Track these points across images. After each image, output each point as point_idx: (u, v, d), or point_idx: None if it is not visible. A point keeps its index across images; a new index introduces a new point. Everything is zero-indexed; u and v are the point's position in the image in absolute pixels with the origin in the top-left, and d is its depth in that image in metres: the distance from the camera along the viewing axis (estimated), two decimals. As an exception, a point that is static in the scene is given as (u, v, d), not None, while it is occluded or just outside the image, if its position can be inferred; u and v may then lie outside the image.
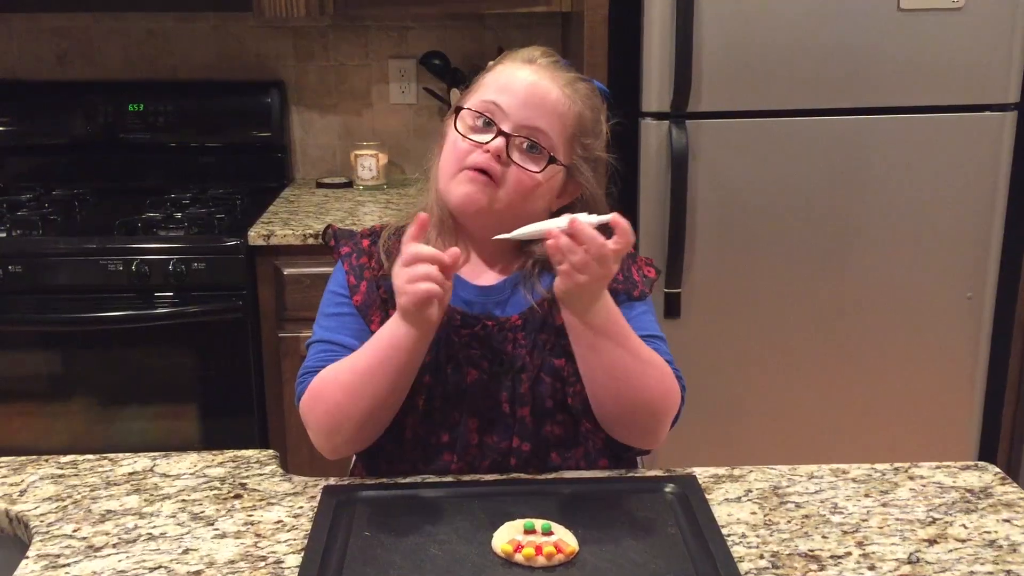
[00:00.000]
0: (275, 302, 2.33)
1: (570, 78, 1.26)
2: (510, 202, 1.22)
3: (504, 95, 1.22)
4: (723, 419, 2.36)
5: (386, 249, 1.27)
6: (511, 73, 1.24)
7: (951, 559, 1.03)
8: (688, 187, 2.23)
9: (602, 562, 1.02)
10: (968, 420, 2.44)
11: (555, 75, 1.24)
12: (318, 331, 1.28)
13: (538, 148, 1.22)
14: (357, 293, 1.26)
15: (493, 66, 1.29)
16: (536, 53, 1.27)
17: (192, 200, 2.56)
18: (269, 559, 1.04)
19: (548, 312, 1.24)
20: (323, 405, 1.19)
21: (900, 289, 2.34)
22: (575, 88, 1.25)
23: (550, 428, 1.25)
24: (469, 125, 1.23)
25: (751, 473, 1.21)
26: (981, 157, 2.28)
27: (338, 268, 1.30)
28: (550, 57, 1.27)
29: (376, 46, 2.81)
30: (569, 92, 1.24)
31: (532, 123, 1.21)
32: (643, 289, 1.29)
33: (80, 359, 2.34)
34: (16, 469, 1.23)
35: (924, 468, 1.22)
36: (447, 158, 1.24)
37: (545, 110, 1.22)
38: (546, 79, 1.23)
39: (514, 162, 1.21)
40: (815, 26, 2.19)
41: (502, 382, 1.23)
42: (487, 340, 1.24)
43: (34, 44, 2.79)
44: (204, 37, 2.79)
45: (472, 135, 1.22)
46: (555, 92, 1.23)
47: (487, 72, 1.28)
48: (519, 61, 1.26)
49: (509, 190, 1.21)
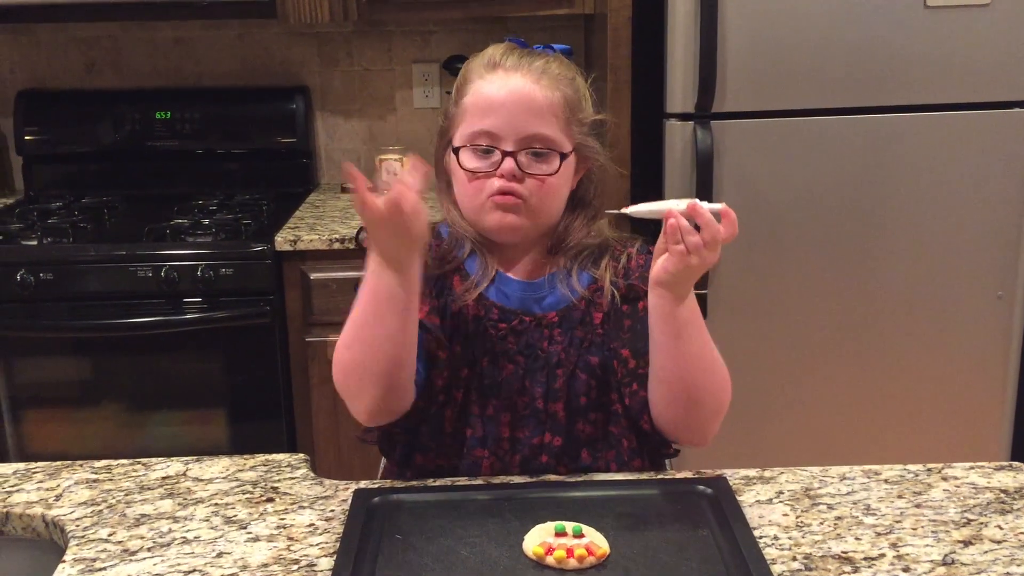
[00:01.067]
0: (302, 307, 2.34)
1: (539, 66, 1.24)
2: (538, 210, 1.24)
3: (490, 117, 1.21)
4: (752, 420, 2.35)
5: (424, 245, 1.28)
6: (485, 90, 1.23)
7: (986, 560, 1.02)
8: (713, 188, 2.22)
9: (633, 564, 1.02)
10: (1000, 420, 2.42)
11: (525, 71, 1.23)
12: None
13: (545, 151, 1.22)
14: None
15: (464, 83, 1.26)
16: (496, 54, 1.25)
17: (219, 206, 2.58)
18: (302, 562, 1.04)
19: (586, 310, 1.25)
20: (342, 362, 1.17)
21: (929, 288, 2.32)
22: (548, 73, 1.24)
23: (582, 426, 1.26)
24: (472, 157, 1.23)
25: (782, 475, 1.21)
26: (1010, 154, 2.26)
27: None
28: (511, 52, 1.25)
29: (399, 51, 2.82)
30: (546, 82, 1.23)
31: (528, 131, 1.21)
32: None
33: (110, 365, 2.36)
34: (52, 474, 1.24)
35: (957, 469, 1.21)
36: (465, 193, 1.25)
37: (534, 113, 1.22)
38: (520, 80, 1.22)
39: (529, 174, 1.22)
40: (840, 24, 2.18)
41: (537, 377, 1.24)
42: (524, 335, 1.25)
43: (62, 54, 2.82)
44: (229, 45, 2.81)
45: (479, 166, 1.23)
46: (535, 91, 1.22)
47: (462, 95, 1.26)
48: (485, 71, 1.24)
49: (535, 200, 1.23)
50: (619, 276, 1.28)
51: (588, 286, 1.28)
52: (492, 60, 1.25)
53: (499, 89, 1.22)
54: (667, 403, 1.21)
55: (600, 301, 1.27)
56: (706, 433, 1.24)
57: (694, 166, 2.22)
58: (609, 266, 1.28)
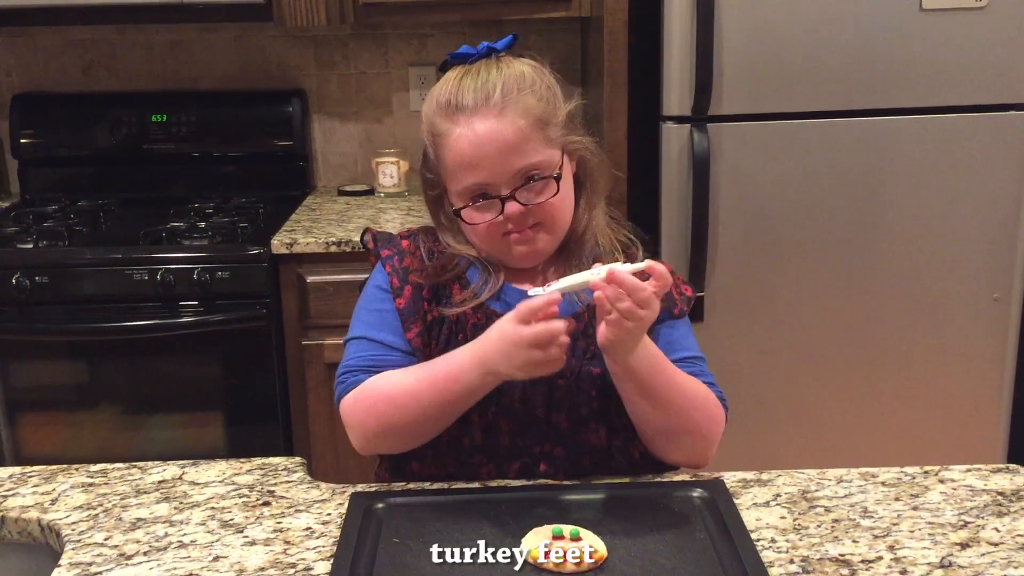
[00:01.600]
0: (298, 310, 2.34)
1: (496, 101, 1.20)
2: (556, 228, 1.25)
3: (474, 171, 1.21)
4: (749, 423, 2.35)
5: (427, 250, 1.29)
6: (458, 146, 1.21)
7: (984, 563, 1.02)
8: (710, 190, 2.23)
9: (631, 567, 1.02)
10: (996, 422, 2.42)
11: (484, 112, 1.19)
12: (358, 327, 1.28)
13: (539, 177, 1.22)
14: (400, 296, 1.26)
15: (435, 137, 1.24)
16: (450, 90, 1.22)
17: (215, 209, 2.58)
18: (299, 566, 1.04)
19: (589, 321, 1.24)
20: (370, 415, 1.21)
21: (926, 290, 2.32)
22: (510, 98, 1.20)
23: (585, 436, 1.25)
24: (475, 213, 1.23)
25: (779, 477, 1.21)
26: (1006, 157, 2.26)
27: (379, 269, 1.30)
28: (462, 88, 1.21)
29: (396, 54, 2.82)
30: (512, 110, 1.20)
31: (516, 167, 1.20)
32: (682, 307, 1.30)
33: (106, 368, 2.36)
34: (47, 478, 1.24)
35: (954, 471, 1.21)
36: (482, 242, 1.25)
37: (511, 150, 1.20)
38: (484, 126, 1.19)
39: (535, 204, 1.21)
40: (836, 27, 2.18)
41: (538, 386, 1.23)
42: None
43: (59, 57, 2.82)
44: (226, 48, 2.81)
45: (486, 218, 1.22)
46: (502, 127, 1.19)
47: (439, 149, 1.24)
48: (447, 119, 1.22)
49: (549, 222, 1.24)
50: None
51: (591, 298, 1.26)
52: (449, 103, 1.22)
53: (470, 143, 1.20)
54: (648, 441, 1.24)
55: None
56: (697, 459, 1.25)
57: (691, 169, 2.22)
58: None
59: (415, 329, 1.25)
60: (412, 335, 1.25)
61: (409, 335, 1.25)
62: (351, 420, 1.23)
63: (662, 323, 1.26)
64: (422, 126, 1.28)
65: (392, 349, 1.24)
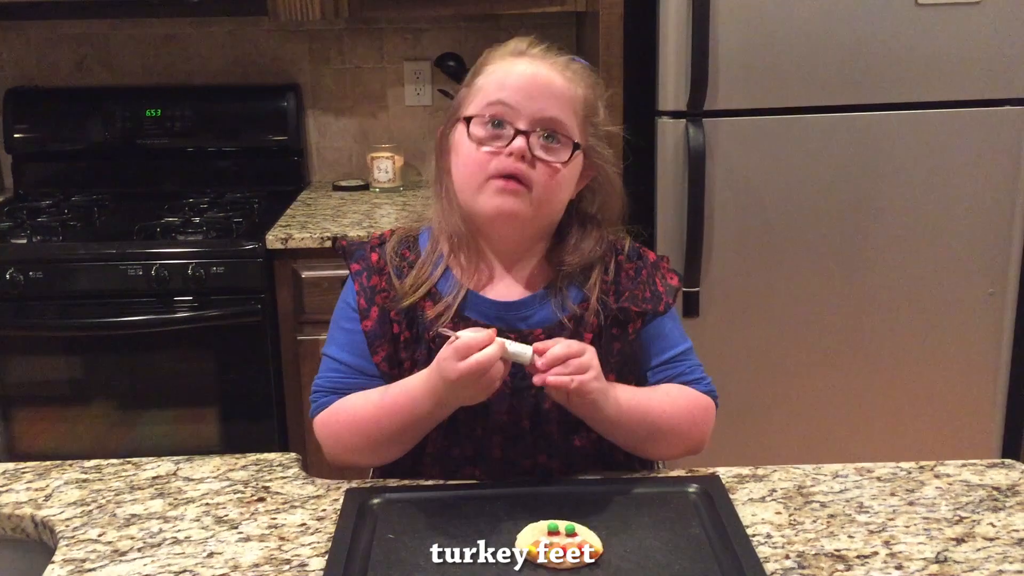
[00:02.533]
0: (293, 305, 2.34)
1: (563, 61, 1.22)
2: (543, 201, 1.18)
3: (508, 92, 1.17)
4: (744, 418, 2.35)
5: (396, 267, 1.24)
6: (507, 68, 1.19)
7: (979, 558, 1.02)
8: (706, 185, 2.22)
9: (626, 563, 1.01)
10: (990, 417, 2.42)
11: (551, 61, 1.21)
12: (331, 345, 1.28)
13: (557, 138, 1.18)
14: (368, 319, 1.24)
15: (482, 66, 1.22)
16: (523, 44, 1.22)
17: (210, 204, 2.57)
18: (293, 562, 1.04)
19: (575, 329, 1.21)
20: (340, 431, 1.24)
21: (921, 286, 2.32)
22: (572, 70, 1.22)
23: (576, 442, 1.24)
24: (481, 133, 1.18)
25: (775, 472, 1.20)
26: (1001, 152, 2.27)
27: (349, 284, 1.28)
28: (538, 45, 1.23)
29: (391, 48, 2.81)
30: (569, 75, 1.20)
31: (546, 114, 1.17)
32: (667, 301, 1.27)
33: (101, 364, 2.35)
34: (41, 474, 1.24)
35: (950, 466, 1.21)
36: (466, 171, 1.19)
37: (554, 98, 1.18)
38: (544, 67, 1.19)
39: (539, 158, 1.17)
40: (832, 22, 2.18)
41: (524, 397, 1.21)
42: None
43: (52, 51, 2.81)
44: (220, 42, 2.80)
45: (489, 142, 1.17)
46: (557, 78, 1.19)
47: (478, 75, 1.22)
48: (509, 55, 1.21)
49: (540, 189, 1.17)
50: (609, 294, 1.23)
51: (579, 303, 1.22)
52: (517, 48, 1.22)
53: (523, 70, 1.18)
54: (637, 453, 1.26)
55: (591, 320, 1.21)
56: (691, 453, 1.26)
57: (686, 164, 2.22)
58: (599, 281, 1.23)
59: (382, 353, 1.23)
60: (379, 359, 1.23)
61: (376, 359, 1.24)
62: (322, 441, 1.26)
63: (647, 323, 1.25)
64: (472, 70, 1.25)
65: (358, 372, 1.25)
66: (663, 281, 1.28)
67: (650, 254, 1.30)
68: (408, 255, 1.26)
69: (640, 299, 1.24)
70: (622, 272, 1.26)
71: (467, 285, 1.22)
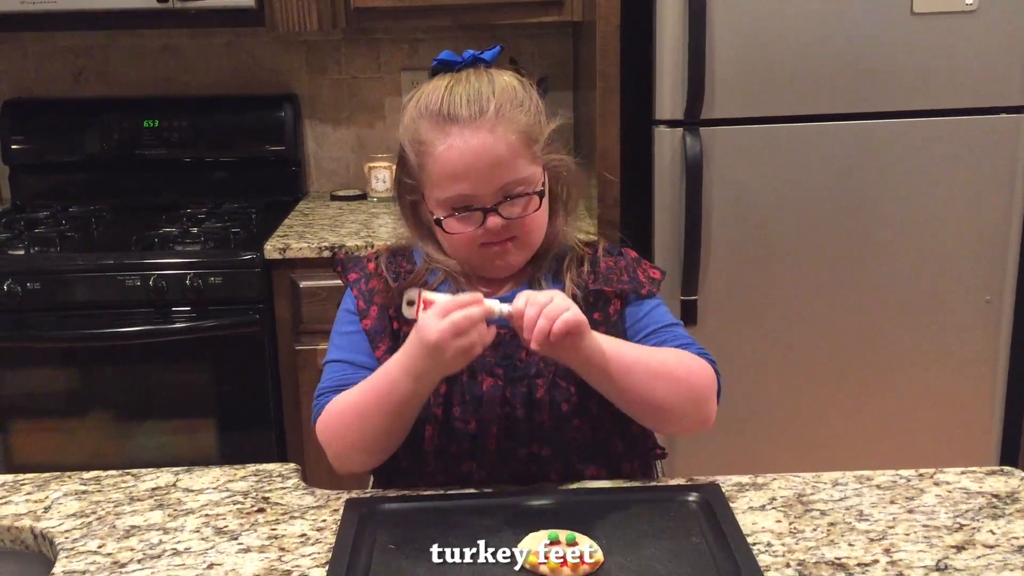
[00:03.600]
0: (291, 315, 2.34)
1: (489, 116, 1.19)
2: (531, 242, 1.26)
3: (460, 183, 1.19)
4: (743, 426, 2.35)
5: (393, 273, 1.29)
6: (446, 157, 1.19)
7: (979, 565, 1.02)
8: (703, 194, 2.23)
9: (627, 572, 1.01)
10: (988, 424, 2.43)
11: (478, 125, 1.18)
12: (332, 351, 1.30)
13: (523, 192, 1.22)
14: (367, 317, 1.28)
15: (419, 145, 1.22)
16: (441, 99, 1.20)
17: (208, 215, 2.57)
18: (293, 573, 1.04)
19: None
20: (334, 429, 1.23)
21: (918, 293, 2.33)
22: (502, 118, 1.19)
23: (569, 432, 1.25)
24: (455, 223, 1.22)
25: (775, 481, 1.21)
26: (997, 159, 2.27)
27: (347, 293, 1.33)
28: (455, 99, 1.20)
29: (388, 58, 2.82)
30: (503, 125, 1.19)
31: (500, 183, 1.20)
32: (650, 288, 1.30)
33: (99, 374, 2.35)
34: (40, 486, 1.23)
35: (949, 474, 1.21)
36: (457, 250, 1.25)
37: (500, 165, 1.19)
38: (476, 140, 1.18)
39: (515, 218, 1.21)
40: (828, 31, 2.19)
41: (517, 389, 1.23)
42: (500, 347, 1.24)
43: (50, 62, 2.81)
44: (218, 53, 2.81)
45: (466, 230, 1.22)
46: (495, 146, 1.19)
47: (422, 157, 1.22)
48: (436, 129, 1.20)
49: (527, 237, 1.24)
50: (587, 279, 1.28)
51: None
52: (441, 113, 1.20)
53: (460, 155, 1.19)
54: (646, 421, 1.26)
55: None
56: (698, 421, 1.24)
57: (683, 173, 2.22)
58: (571, 267, 1.28)
59: (383, 347, 1.26)
60: (380, 353, 1.25)
61: (378, 353, 1.26)
62: (323, 443, 1.26)
63: (630, 303, 1.28)
64: (401, 130, 1.26)
65: (360, 368, 1.25)
66: (644, 273, 1.32)
67: (631, 252, 1.35)
68: (403, 263, 1.31)
69: (616, 281, 1.28)
70: (600, 263, 1.30)
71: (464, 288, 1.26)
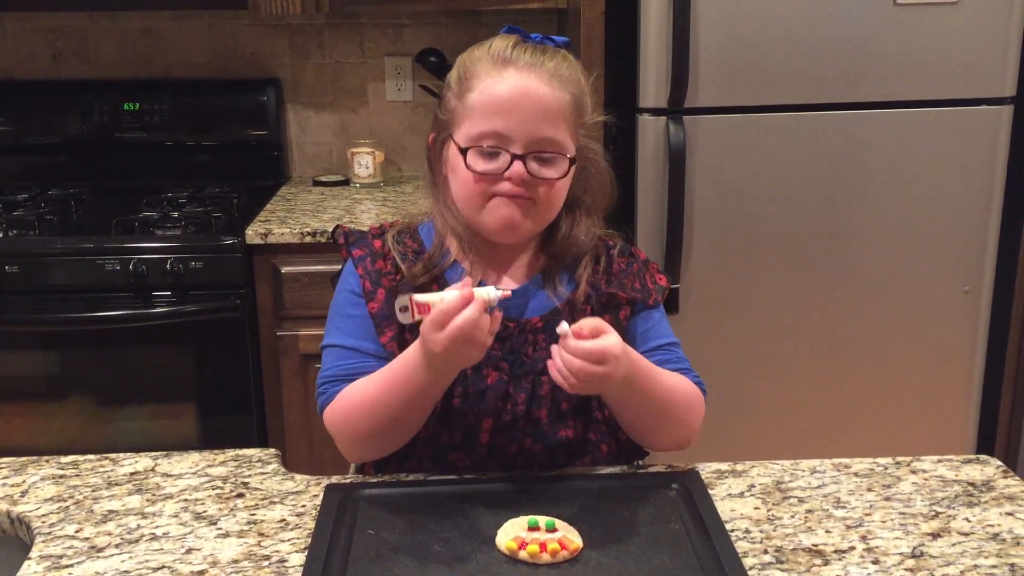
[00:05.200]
0: (273, 300, 2.33)
1: (549, 67, 1.19)
2: (543, 211, 1.22)
3: (500, 118, 1.17)
4: (723, 414, 2.36)
5: (400, 253, 1.26)
6: (496, 89, 1.18)
7: (955, 553, 1.03)
8: (686, 183, 2.23)
9: (606, 559, 1.02)
10: (966, 413, 2.45)
11: (538, 71, 1.18)
12: (334, 334, 1.26)
13: (553, 155, 1.19)
14: (373, 300, 1.24)
15: (470, 79, 1.20)
16: (507, 47, 1.20)
17: (189, 199, 2.55)
18: (272, 558, 1.03)
19: (569, 315, 1.23)
20: (346, 418, 1.21)
21: (898, 283, 2.34)
22: (560, 75, 1.20)
23: (564, 432, 1.25)
24: (479, 159, 1.18)
25: (753, 468, 1.21)
26: (978, 151, 2.29)
27: (350, 270, 1.28)
28: (521, 49, 1.20)
29: (372, 43, 2.80)
30: (557, 84, 1.19)
31: (539, 135, 1.18)
32: (656, 297, 1.31)
33: (78, 359, 2.34)
34: (17, 470, 1.23)
35: (926, 462, 1.23)
36: (465, 193, 1.21)
37: (545, 116, 1.18)
38: (532, 80, 1.18)
39: (537, 177, 1.18)
40: (812, 21, 2.19)
41: (521, 384, 1.23)
42: (508, 341, 1.23)
43: (29, 43, 2.78)
44: (199, 35, 2.78)
45: (488, 168, 1.18)
46: (546, 92, 1.18)
47: (467, 90, 1.20)
48: (493, 66, 1.19)
49: (542, 203, 1.20)
50: (601, 280, 1.27)
51: (572, 291, 1.26)
52: (502, 56, 1.19)
53: (511, 89, 1.17)
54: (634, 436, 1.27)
55: (584, 307, 1.25)
56: (683, 444, 1.26)
57: (667, 161, 2.22)
58: (588, 266, 1.26)
59: (389, 333, 1.23)
60: (386, 339, 1.23)
61: (383, 339, 1.23)
62: (334, 432, 1.24)
63: (637, 314, 1.28)
64: (451, 73, 1.24)
65: (367, 356, 1.23)
66: (652, 279, 1.32)
67: (641, 253, 1.34)
68: (411, 243, 1.28)
69: (629, 287, 1.28)
70: (613, 264, 1.29)
71: (475, 276, 1.23)
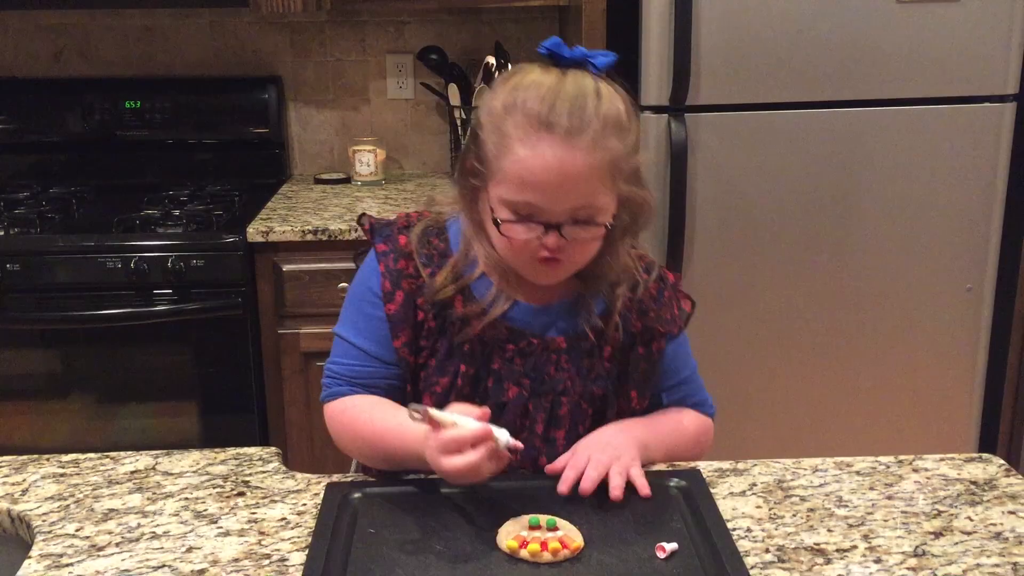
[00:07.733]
0: (274, 299, 2.32)
1: (592, 133, 1.10)
2: (579, 264, 1.19)
3: (532, 192, 1.11)
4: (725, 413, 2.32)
5: (425, 256, 1.22)
6: (529, 163, 1.10)
7: (957, 551, 1.03)
8: (687, 180, 2.23)
9: (607, 557, 1.02)
10: (968, 412, 2.44)
11: (577, 139, 1.10)
12: (348, 326, 1.25)
13: (591, 220, 1.15)
14: (392, 302, 1.22)
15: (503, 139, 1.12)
16: (548, 108, 1.10)
17: (190, 197, 2.55)
18: (273, 557, 1.03)
19: (596, 341, 1.23)
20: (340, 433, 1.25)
21: (900, 281, 2.34)
22: (601, 140, 1.11)
23: None
24: (515, 228, 1.14)
25: (755, 467, 1.21)
26: (980, 148, 2.28)
27: (372, 265, 1.24)
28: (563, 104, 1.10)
29: (373, 41, 2.80)
30: (598, 151, 1.11)
31: (576, 204, 1.13)
32: (680, 325, 1.30)
33: (79, 357, 2.34)
34: (17, 468, 1.22)
35: (928, 460, 1.22)
36: (501, 246, 1.17)
37: (581, 188, 1.12)
38: (569, 153, 1.10)
39: (573, 239, 1.14)
40: (814, 18, 2.18)
41: (540, 402, 1.22)
42: (531, 358, 1.22)
43: (30, 41, 2.78)
44: (201, 33, 2.78)
45: (519, 233, 1.14)
46: (583, 165, 1.10)
47: (502, 149, 1.12)
48: (531, 127, 1.11)
49: (577, 259, 1.18)
50: (632, 311, 1.24)
51: (602, 316, 1.23)
52: (539, 116, 1.10)
53: (544, 167, 1.10)
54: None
55: (613, 334, 1.23)
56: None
57: (669, 159, 2.22)
58: (623, 296, 1.23)
59: (403, 338, 1.22)
60: (400, 343, 1.22)
61: (396, 343, 1.22)
62: (331, 431, 1.27)
63: (668, 341, 1.29)
64: (485, 111, 1.16)
65: (375, 359, 1.23)
66: (678, 306, 1.31)
67: (669, 275, 1.32)
68: (436, 243, 1.24)
69: (665, 320, 1.28)
70: (646, 291, 1.26)
71: (504, 291, 1.21)
